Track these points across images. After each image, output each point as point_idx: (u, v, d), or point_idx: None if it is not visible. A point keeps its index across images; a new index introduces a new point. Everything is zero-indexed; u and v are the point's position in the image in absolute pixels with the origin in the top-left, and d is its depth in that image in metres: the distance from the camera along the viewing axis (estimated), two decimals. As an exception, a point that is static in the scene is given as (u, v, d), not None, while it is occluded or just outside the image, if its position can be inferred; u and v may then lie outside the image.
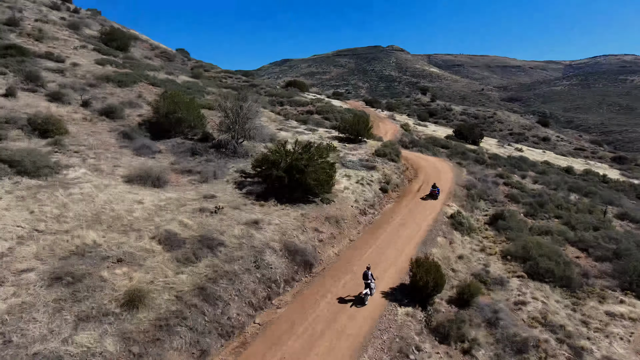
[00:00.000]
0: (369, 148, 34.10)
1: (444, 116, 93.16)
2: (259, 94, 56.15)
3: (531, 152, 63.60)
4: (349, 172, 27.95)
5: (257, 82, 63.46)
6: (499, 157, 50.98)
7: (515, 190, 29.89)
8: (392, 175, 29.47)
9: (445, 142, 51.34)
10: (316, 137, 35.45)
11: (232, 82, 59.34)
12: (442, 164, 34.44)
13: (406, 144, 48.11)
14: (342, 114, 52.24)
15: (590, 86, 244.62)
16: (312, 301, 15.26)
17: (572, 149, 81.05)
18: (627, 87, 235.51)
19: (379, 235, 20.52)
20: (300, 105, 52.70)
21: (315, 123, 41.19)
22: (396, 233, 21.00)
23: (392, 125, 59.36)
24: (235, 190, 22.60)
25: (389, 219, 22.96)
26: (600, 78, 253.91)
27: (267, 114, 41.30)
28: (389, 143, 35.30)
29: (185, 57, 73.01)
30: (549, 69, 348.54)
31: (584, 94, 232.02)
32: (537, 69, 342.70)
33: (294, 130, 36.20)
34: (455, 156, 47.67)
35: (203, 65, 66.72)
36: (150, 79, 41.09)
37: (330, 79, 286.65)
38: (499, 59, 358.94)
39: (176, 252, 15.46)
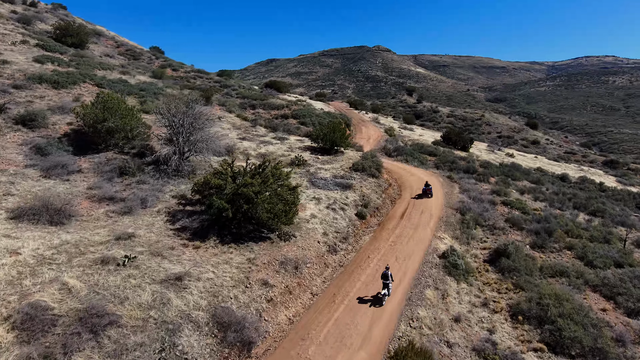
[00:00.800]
0: (345, 161, 29.03)
1: (431, 118, 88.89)
2: (230, 96, 50.65)
3: (523, 157, 59.64)
4: (319, 194, 22.82)
5: (230, 82, 57.84)
6: (490, 165, 46.52)
7: (516, 212, 25.21)
8: (371, 195, 24.44)
9: (433, 149, 46.70)
10: (285, 147, 30.22)
11: (201, 83, 53.71)
12: (431, 179, 29.59)
13: (390, 151, 43.24)
14: (320, 119, 47.14)
15: (574, 87, 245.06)
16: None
17: (563, 153, 77.60)
18: (610, 88, 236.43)
19: (350, 290, 15.40)
20: (275, 109, 47.43)
21: (286, 130, 35.93)
22: (372, 283, 15.92)
23: (376, 129, 54.51)
24: (166, 225, 17.24)
25: (366, 259, 17.89)
26: (583, 79, 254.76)
27: (231, 119, 35.88)
28: (369, 154, 30.30)
29: (154, 56, 66.91)
30: (532, 69, 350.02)
31: (568, 94, 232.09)
32: (521, 70, 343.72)
33: (260, 140, 30.90)
34: (444, 165, 43.02)
35: (172, 64, 60.98)
36: (97, 80, 35.28)
37: (317, 79, 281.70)
38: (484, 60, 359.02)
39: (35, 346, 10.08)
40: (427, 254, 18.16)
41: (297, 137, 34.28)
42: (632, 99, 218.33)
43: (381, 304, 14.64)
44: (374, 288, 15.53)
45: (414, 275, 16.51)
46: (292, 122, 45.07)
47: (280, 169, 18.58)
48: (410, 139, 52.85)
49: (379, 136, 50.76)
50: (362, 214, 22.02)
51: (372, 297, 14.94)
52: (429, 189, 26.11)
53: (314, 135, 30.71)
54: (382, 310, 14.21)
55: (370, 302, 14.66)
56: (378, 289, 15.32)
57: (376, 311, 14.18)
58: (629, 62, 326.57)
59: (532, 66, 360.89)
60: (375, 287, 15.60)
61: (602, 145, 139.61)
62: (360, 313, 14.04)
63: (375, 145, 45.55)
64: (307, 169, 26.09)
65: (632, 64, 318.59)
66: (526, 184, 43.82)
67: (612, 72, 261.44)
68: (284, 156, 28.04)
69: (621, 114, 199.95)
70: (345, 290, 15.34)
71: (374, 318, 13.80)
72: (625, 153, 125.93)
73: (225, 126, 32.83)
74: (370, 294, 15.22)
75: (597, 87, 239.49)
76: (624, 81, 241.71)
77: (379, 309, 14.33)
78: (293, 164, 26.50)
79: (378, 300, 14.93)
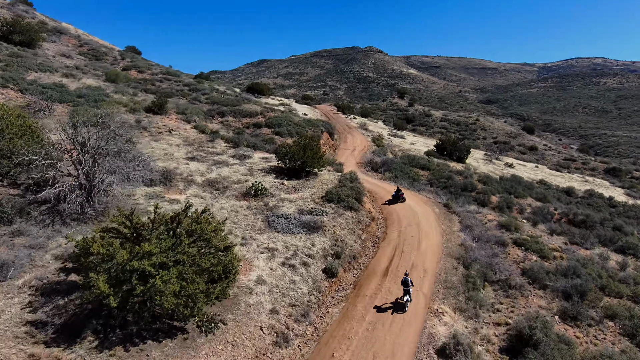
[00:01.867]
0: (318, 187, 23.02)
1: (423, 123, 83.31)
2: (198, 101, 44.36)
3: (523, 167, 54.25)
4: (276, 241, 16.78)
5: (201, 86, 51.42)
6: (490, 180, 40.86)
7: (534, 257, 19.40)
8: (347, 238, 18.47)
9: (426, 162, 40.87)
10: (244, 169, 24.09)
11: (167, 87, 47.45)
12: (424, 210, 23.62)
13: (377, 166, 37.32)
14: (299, 128, 41.05)
15: (565, 88, 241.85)
16: None
17: (562, 160, 72.39)
18: (601, 89, 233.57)
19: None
20: (247, 116, 41.30)
21: (251, 145, 29.66)
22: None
23: (363, 138, 48.56)
24: (22, 314, 11.09)
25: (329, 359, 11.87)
26: (575, 80, 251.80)
27: (186, 132, 29.66)
28: (349, 177, 24.31)
29: (121, 56, 60.17)
30: (523, 70, 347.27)
31: (560, 96, 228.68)
32: (512, 71, 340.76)
33: (214, 160, 24.72)
34: (438, 182, 37.22)
35: (138, 65, 54.52)
36: (23, 85, 28.85)
37: (308, 80, 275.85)
38: (476, 61, 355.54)
39: None
40: (419, 348, 12.18)
41: (262, 155, 28.13)
42: (624, 101, 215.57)
43: (404, 310, 14.24)
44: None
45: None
46: (266, 131, 38.93)
47: (205, 221, 12.47)
48: (400, 149, 47.00)
49: (366, 146, 44.83)
50: (333, 270, 16.01)
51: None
52: (400, 194, 25.40)
53: (280, 154, 24.60)
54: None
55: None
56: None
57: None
58: (619, 64, 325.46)
59: (523, 67, 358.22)
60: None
61: (596, 149, 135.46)
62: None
63: (360, 158, 39.60)
64: (266, 202, 20.02)
65: (622, 65, 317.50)
66: (531, 203, 38.25)
67: (603, 74, 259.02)
68: (239, 182, 21.94)
69: (613, 115, 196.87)
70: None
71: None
72: (621, 157, 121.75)
73: (174, 141, 26.62)
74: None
75: (589, 89, 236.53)
76: (615, 82, 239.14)
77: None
78: (248, 195, 20.42)
79: (400, 306, 14.35)
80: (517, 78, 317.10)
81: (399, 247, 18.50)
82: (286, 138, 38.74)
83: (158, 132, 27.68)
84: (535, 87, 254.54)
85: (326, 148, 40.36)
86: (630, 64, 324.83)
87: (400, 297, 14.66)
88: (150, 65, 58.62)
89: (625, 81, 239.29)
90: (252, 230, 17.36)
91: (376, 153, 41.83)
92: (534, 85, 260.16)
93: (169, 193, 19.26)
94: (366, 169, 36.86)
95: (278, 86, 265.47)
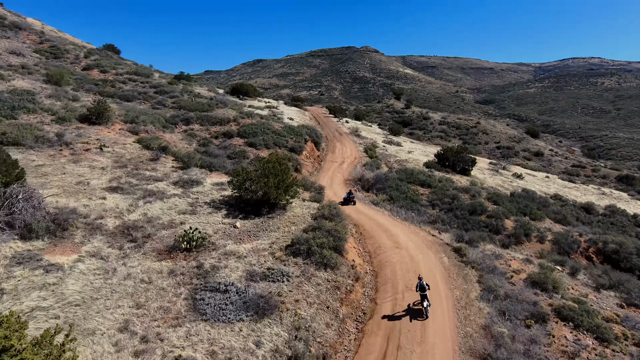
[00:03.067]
0: (284, 229, 16.56)
1: (421, 126, 76.82)
2: (162, 106, 37.79)
3: (532, 177, 48.05)
4: (196, 344, 10.32)
5: (170, 88, 44.72)
6: (501, 198, 34.57)
7: (588, 340, 13.12)
8: (316, 323, 12.05)
9: (426, 176, 34.48)
10: (185, 204, 17.56)
11: (130, 89, 40.81)
12: (428, 260, 17.05)
13: (369, 184, 30.93)
14: (278, 137, 34.53)
15: (563, 88, 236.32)
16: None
17: (570, 166, 66.28)
18: (598, 89, 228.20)
19: None
20: (217, 123, 34.78)
21: (206, 165, 23.03)
22: None
23: (353, 147, 42.09)
24: None
25: None
26: (572, 80, 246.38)
27: (123, 148, 23.05)
28: (329, 212, 17.90)
29: (85, 55, 53.24)
30: (519, 70, 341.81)
31: (557, 96, 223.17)
32: (508, 71, 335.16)
33: (147, 189, 18.15)
34: (442, 204, 30.86)
35: (101, 64, 47.79)
36: None
37: (304, 80, 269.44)
38: (472, 61, 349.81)
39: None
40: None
41: (218, 179, 21.54)
42: (622, 101, 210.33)
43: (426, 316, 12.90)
44: None
45: None
46: (237, 142, 32.41)
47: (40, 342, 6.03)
48: (396, 160, 40.55)
49: (357, 157, 38.37)
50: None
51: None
52: (351, 196, 25.59)
53: (235, 181, 18.06)
54: None
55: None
56: None
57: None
58: (615, 64, 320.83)
59: (519, 67, 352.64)
60: None
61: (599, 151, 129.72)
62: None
63: (348, 174, 33.17)
64: (201, 262, 13.53)
65: (618, 65, 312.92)
66: (551, 226, 32.02)
67: (600, 74, 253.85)
68: (171, 226, 15.44)
69: (612, 116, 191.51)
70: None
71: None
72: (624, 160, 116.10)
73: (101, 163, 20.04)
74: None
75: (586, 89, 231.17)
76: (613, 83, 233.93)
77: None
78: (176, 250, 13.93)
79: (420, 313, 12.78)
80: (514, 78, 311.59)
81: (394, 337, 12.08)
82: (261, 150, 32.29)
83: (84, 150, 21.13)
84: (532, 87, 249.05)
85: (309, 162, 33.92)
86: (626, 64, 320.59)
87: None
88: (117, 64, 51.86)
89: (623, 81, 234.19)
90: (164, 319, 10.91)
91: (368, 166, 35.38)
92: (531, 85, 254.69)
93: (53, 252, 12.78)
94: (355, 187, 30.44)
95: (273, 86, 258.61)
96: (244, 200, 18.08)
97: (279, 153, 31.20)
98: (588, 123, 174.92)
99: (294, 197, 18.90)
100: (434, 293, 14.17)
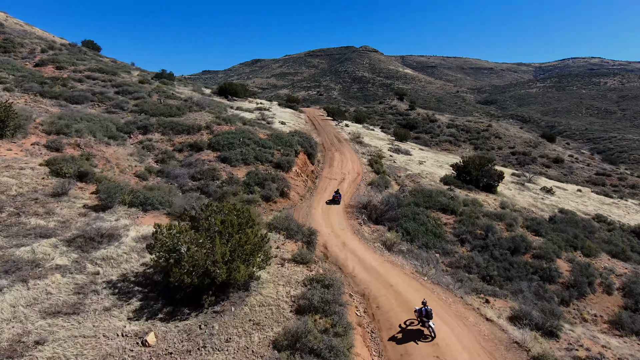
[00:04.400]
0: (236, 345, 8.82)
1: (427, 129, 69.03)
2: (122, 109, 30.01)
3: (563, 191, 40.46)
4: None
5: (134, 88, 36.80)
6: (541, 225, 26.87)
7: None
8: None
9: (449, 200, 26.69)
10: (68, 290, 9.80)
11: (86, 88, 33.04)
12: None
13: (377, 212, 23.17)
14: (262, 150, 26.78)
15: (565, 89, 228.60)
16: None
17: (594, 175, 58.67)
18: (601, 89, 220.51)
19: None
20: (184, 132, 27.06)
21: (138, 202, 15.07)
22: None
23: (356, 159, 34.29)
24: None
25: None
26: (574, 80, 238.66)
27: (16, 175, 15.22)
28: (322, 296, 10.20)
29: (44, 49, 45.37)
30: (519, 70, 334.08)
31: (560, 96, 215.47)
32: (508, 71, 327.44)
33: (11, 256, 10.39)
34: (473, 240, 23.10)
35: (58, 60, 40.01)
36: None
37: (302, 80, 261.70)
38: (472, 61, 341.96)
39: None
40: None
41: (149, 229, 13.73)
42: (626, 101, 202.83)
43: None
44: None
45: None
46: (208, 157, 24.61)
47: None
48: (408, 174, 32.79)
49: (360, 173, 30.61)
50: None
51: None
52: (337, 196, 24.08)
53: (157, 247, 10.30)
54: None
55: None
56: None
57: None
58: (615, 64, 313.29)
59: (519, 67, 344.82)
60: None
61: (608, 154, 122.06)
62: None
63: (350, 197, 25.40)
64: None
65: (618, 65, 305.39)
66: (613, 266, 24.29)
67: (603, 74, 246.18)
68: (13, 351, 7.72)
69: (618, 117, 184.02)
70: None
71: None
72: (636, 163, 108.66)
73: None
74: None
75: (589, 89, 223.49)
76: (616, 83, 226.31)
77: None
78: None
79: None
80: (514, 78, 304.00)
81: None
82: (238, 166, 24.55)
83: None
84: (534, 87, 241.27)
85: (300, 181, 26.14)
86: (627, 64, 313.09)
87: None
88: (80, 60, 43.95)
89: (626, 81, 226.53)
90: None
91: (375, 185, 27.62)
92: (533, 85, 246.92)
93: None
94: (360, 217, 22.68)
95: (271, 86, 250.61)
96: (177, 280, 10.31)
97: (260, 171, 23.42)
98: (594, 124, 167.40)
99: (264, 267, 11.15)
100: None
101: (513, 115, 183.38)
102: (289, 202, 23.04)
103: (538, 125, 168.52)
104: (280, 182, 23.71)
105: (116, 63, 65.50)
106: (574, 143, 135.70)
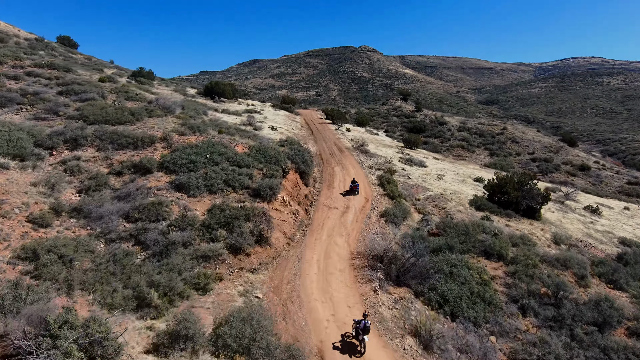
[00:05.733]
0: None
1: (437, 133, 61.53)
2: (56, 115, 22.43)
3: (611, 211, 33.08)
4: None
5: (85, 88, 29.20)
6: (614, 270, 19.38)
7: None
8: None
9: (491, 239, 19.25)
10: None
11: (18, 87, 25.59)
12: None
13: (398, 266, 15.64)
14: (238, 170, 19.30)
15: (567, 88, 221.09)
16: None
17: (626, 184, 51.30)
18: (605, 89, 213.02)
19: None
20: (131, 145, 19.54)
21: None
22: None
23: (362, 177, 26.74)
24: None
25: None
26: (576, 80, 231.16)
27: None
28: None
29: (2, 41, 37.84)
30: (520, 70, 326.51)
31: (563, 96, 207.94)
32: (508, 71, 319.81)
33: None
34: (538, 304, 15.48)
35: (6, 54, 32.65)
36: None
37: (301, 80, 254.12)
38: (472, 61, 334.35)
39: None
40: None
41: None
42: (631, 101, 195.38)
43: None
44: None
45: None
46: (157, 182, 17.06)
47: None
48: (428, 197, 25.20)
49: (369, 196, 23.03)
50: None
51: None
52: (355, 185, 22.70)
53: None
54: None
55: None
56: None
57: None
58: (616, 63, 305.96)
59: (519, 67, 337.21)
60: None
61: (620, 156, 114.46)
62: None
63: (357, 239, 17.81)
64: None
65: (619, 65, 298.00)
66: None
67: (605, 73, 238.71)
68: None
69: (624, 117, 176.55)
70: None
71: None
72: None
73: None
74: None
75: (592, 89, 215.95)
76: (619, 82, 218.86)
77: None
78: None
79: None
80: (514, 78, 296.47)
81: None
82: (199, 197, 16.95)
83: None
84: (535, 87, 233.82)
85: (288, 214, 18.49)
86: (627, 64, 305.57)
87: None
88: (29, 55, 36.34)
89: (630, 81, 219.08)
90: None
91: (390, 217, 20.04)
92: (534, 85, 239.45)
93: None
94: (374, 276, 15.13)
95: (270, 87, 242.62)
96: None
97: (230, 203, 15.90)
98: (600, 124, 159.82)
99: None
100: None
101: (516, 116, 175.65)
102: (270, 252, 15.51)
103: (543, 126, 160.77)
104: (257, 220, 16.17)
105: (90, 60, 57.87)
106: (583, 145, 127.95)
